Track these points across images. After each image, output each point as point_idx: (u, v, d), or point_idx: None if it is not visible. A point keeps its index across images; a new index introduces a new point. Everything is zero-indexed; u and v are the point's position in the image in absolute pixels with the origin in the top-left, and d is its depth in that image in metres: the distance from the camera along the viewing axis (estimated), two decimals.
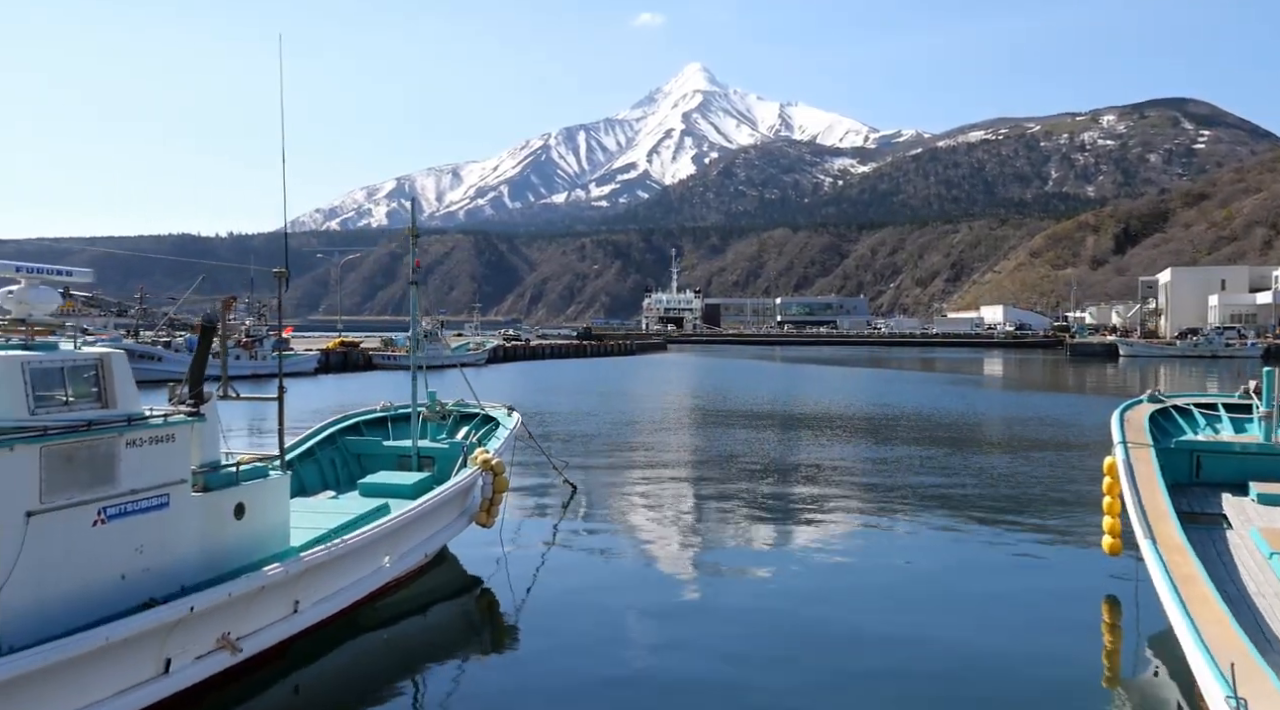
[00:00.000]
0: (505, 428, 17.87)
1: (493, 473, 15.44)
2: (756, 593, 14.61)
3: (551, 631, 12.91)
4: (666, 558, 16.98)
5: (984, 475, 25.75)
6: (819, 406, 48.48)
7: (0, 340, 9.91)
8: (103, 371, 10.09)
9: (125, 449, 9.77)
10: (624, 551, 17.37)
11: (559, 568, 16.08)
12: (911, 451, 30.80)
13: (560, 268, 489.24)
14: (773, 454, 30.42)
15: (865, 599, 14.33)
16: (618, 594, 14.60)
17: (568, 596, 14.49)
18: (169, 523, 10.20)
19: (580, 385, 65.53)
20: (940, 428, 38.60)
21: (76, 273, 10.66)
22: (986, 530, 19.04)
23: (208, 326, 12.35)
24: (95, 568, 9.38)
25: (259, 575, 10.69)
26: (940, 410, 46.29)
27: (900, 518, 20.11)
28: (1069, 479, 25.38)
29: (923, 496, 22.48)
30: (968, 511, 20.67)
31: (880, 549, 17.39)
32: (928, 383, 70.49)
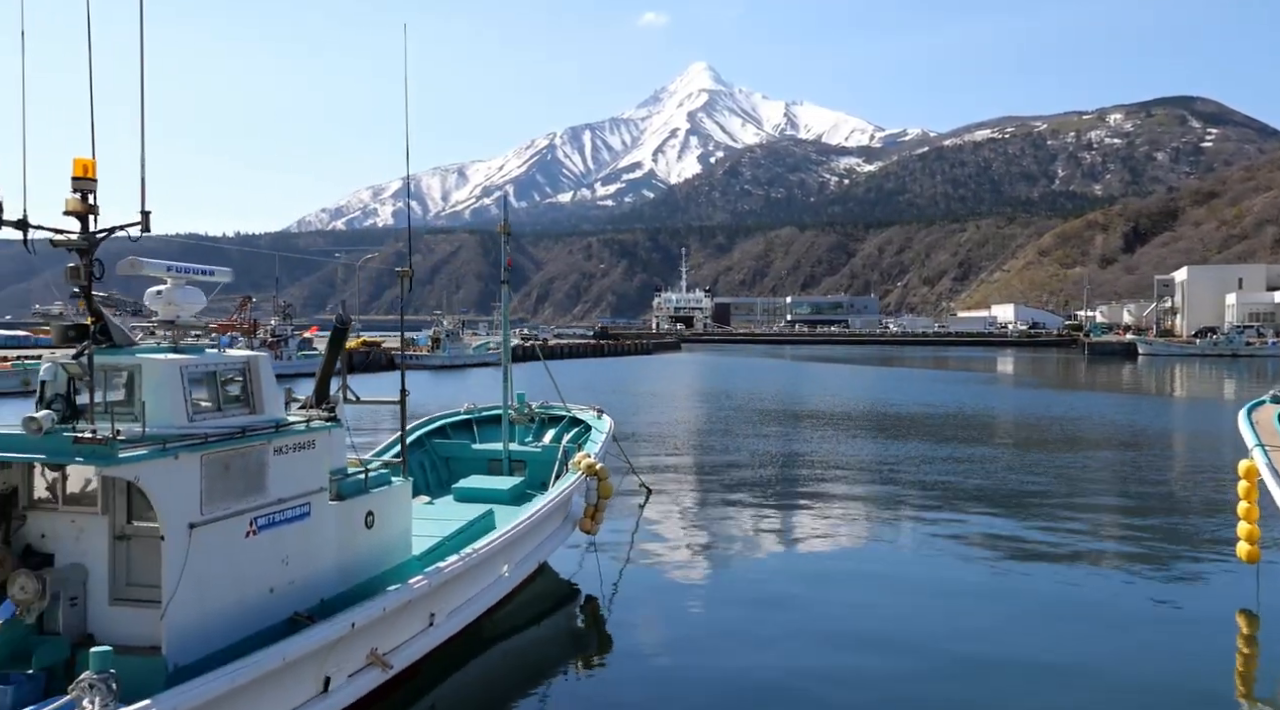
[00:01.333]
0: (599, 431, 17.43)
1: (597, 478, 15.05)
2: (867, 602, 14.23)
3: (662, 638, 12.69)
4: (757, 558, 16.71)
5: (1080, 481, 25.23)
6: (867, 407, 48.12)
7: (152, 343, 9.55)
8: (250, 375, 9.77)
9: (273, 457, 9.43)
10: (712, 554, 17.12)
11: (655, 573, 15.76)
12: (994, 453, 30.47)
13: (567, 267, 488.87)
14: (842, 454, 30.06)
15: (974, 609, 13.92)
16: (718, 598, 14.40)
17: (669, 601, 14.27)
18: (310, 533, 9.84)
19: (609, 384, 65.10)
20: (1011, 430, 38.24)
21: (218, 272, 10.23)
22: (1107, 537, 18.64)
23: (340, 328, 11.92)
24: (248, 581, 9.05)
25: (406, 588, 10.29)
26: (996, 411, 45.97)
27: (1011, 522, 19.67)
28: (1172, 482, 24.97)
29: (1028, 500, 22.09)
30: (1080, 517, 20.18)
31: (990, 560, 16.89)
32: (962, 382, 70.04)
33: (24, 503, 8.93)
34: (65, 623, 8.48)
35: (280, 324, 75.46)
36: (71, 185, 9.11)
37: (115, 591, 8.70)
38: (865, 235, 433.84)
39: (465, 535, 12.62)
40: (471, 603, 11.98)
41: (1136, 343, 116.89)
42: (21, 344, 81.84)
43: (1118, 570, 15.92)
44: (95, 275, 9.04)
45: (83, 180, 9.11)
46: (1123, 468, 27.47)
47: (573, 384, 68.05)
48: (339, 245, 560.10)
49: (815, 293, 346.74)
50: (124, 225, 9.34)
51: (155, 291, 9.81)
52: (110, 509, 8.79)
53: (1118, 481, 25.26)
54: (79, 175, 9.12)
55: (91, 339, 8.96)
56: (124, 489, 8.75)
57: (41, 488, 8.99)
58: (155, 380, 8.79)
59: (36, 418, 8.03)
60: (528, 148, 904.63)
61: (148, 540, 8.64)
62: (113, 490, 8.76)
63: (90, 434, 7.89)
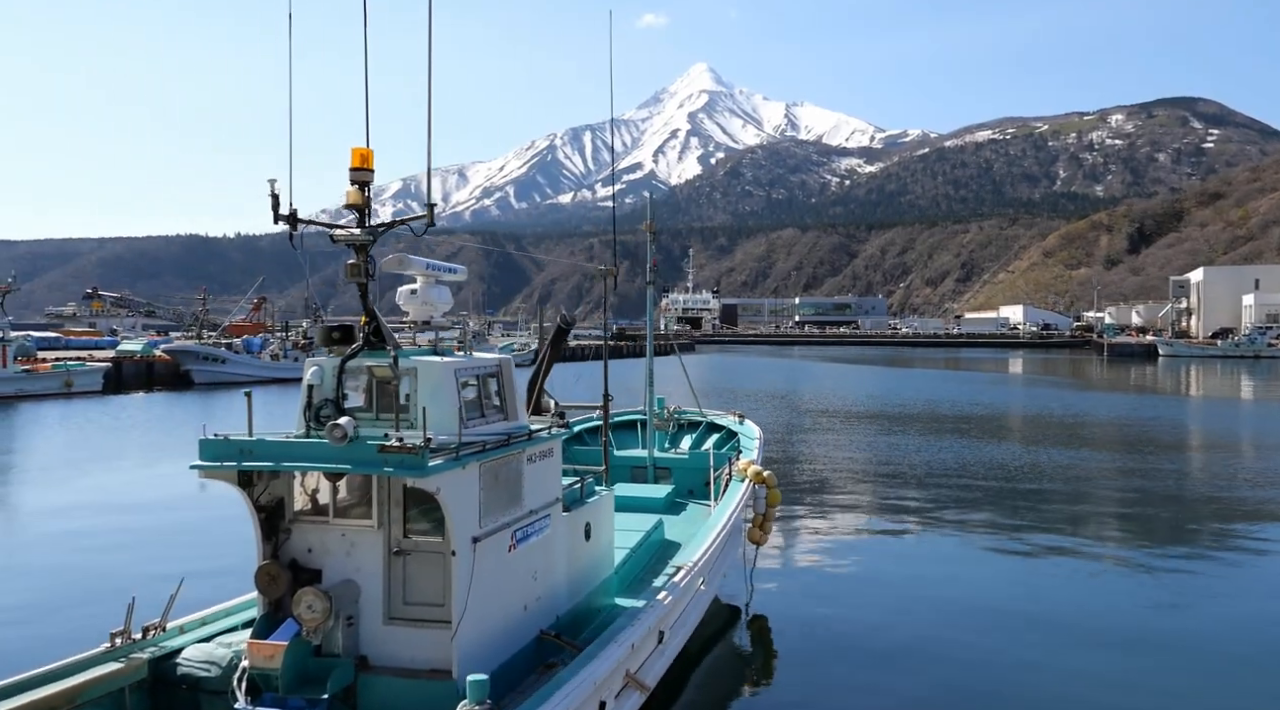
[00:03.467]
0: (749, 437, 17.01)
1: (765, 486, 14.66)
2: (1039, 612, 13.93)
3: (848, 646, 12.47)
4: (901, 561, 16.49)
5: (1198, 482, 24.99)
6: (936, 406, 48.07)
7: (415, 347, 9.06)
8: (502, 379, 9.32)
9: (526, 466, 9.02)
10: (861, 559, 16.90)
11: (815, 581, 15.55)
12: (1094, 457, 30.22)
13: (568, 268, 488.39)
14: (929, 455, 29.80)
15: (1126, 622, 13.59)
16: (882, 606, 14.25)
17: (844, 610, 14.05)
18: (550, 546, 9.41)
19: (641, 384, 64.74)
20: (1090, 432, 38.09)
21: (459, 271, 9.74)
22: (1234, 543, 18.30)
23: (564, 329, 11.43)
24: (510, 598, 8.61)
25: (657, 605, 9.84)
26: (1058, 412, 45.79)
27: (1145, 527, 19.43)
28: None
29: (1146, 505, 21.83)
30: (1195, 523, 19.94)
31: (1138, 570, 16.63)
32: (1002, 384, 70.06)
33: (289, 515, 8.46)
34: (345, 643, 8.00)
35: (311, 326, 74.94)
36: (350, 177, 8.65)
37: (391, 610, 8.19)
38: (867, 236, 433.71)
39: (646, 547, 12.20)
40: (688, 618, 11.59)
41: (1157, 344, 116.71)
42: (52, 345, 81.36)
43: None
44: (370, 273, 8.61)
45: (361, 171, 8.64)
46: (1219, 470, 27.18)
47: (611, 384, 67.74)
48: (340, 246, 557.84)
49: (818, 294, 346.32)
50: (408, 218, 8.96)
51: (409, 291, 9.23)
52: (385, 522, 8.24)
53: (1220, 483, 24.94)
54: (357, 166, 8.63)
55: (364, 341, 8.55)
56: (399, 501, 8.22)
57: (303, 499, 8.49)
58: (432, 385, 8.25)
59: (341, 424, 7.47)
60: (528, 148, 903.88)
61: (425, 555, 8.18)
62: (388, 502, 8.22)
63: (398, 443, 7.36)
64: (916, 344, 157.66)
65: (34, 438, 38.59)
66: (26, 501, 24.93)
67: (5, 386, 52.39)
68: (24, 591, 15.57)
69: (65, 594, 15.09)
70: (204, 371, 66.15)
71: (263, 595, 8.22)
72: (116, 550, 18.21)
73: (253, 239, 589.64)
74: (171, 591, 8.75)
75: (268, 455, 7.78)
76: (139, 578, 15.13)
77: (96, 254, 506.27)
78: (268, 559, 8.27)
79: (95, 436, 39.03)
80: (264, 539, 8.34)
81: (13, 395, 52.28)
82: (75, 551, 18.10)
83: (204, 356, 67.17)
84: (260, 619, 8.20)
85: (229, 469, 7.92)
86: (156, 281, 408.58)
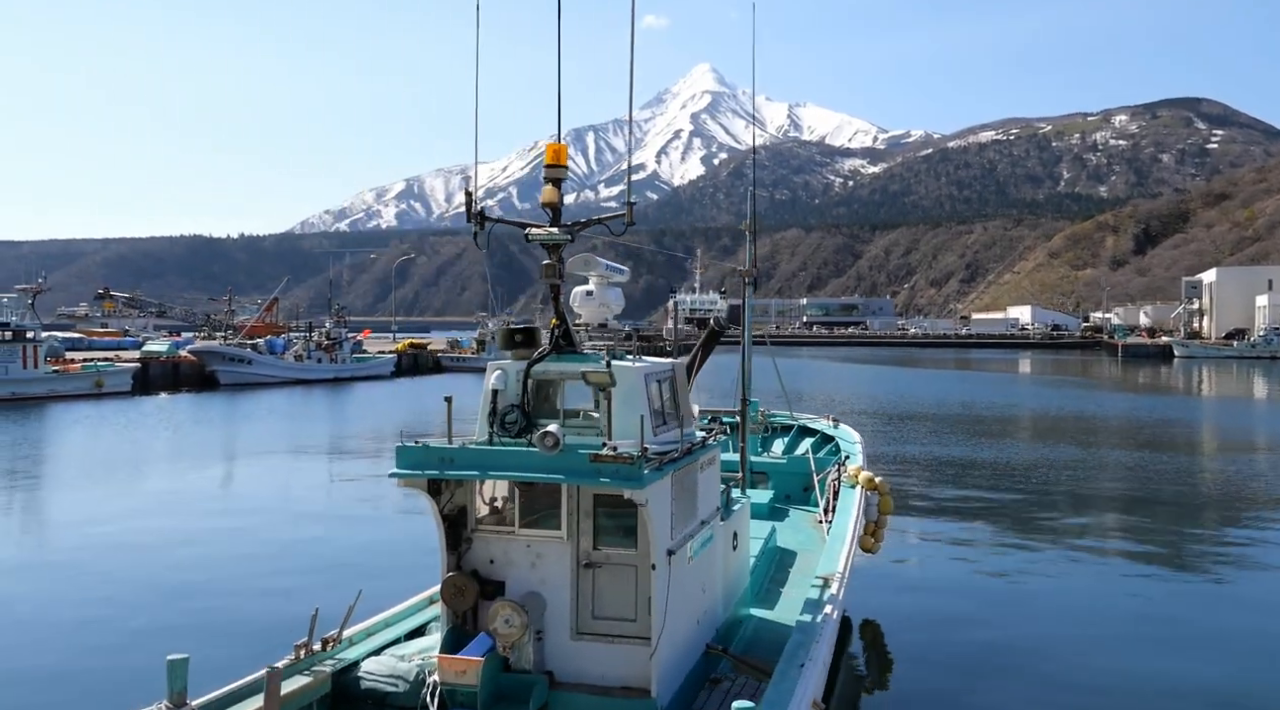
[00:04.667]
0: (849, 442, 16.84)
1: (878, 493, 14.53)
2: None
3: (969, 657, 12.42)
4: (1004, 567, 16.40)
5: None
6: (974, 408, 48.21)
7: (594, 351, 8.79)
8: (676, 383, 9.15)
9: (700, 474, 8.84)
10: (963, 565, 16.85)
11: (927, 587, 15.47)
12: (1165, 460, 30.13)
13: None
14: (998, 458, 29.81)
15: None
16: (992, 614, 14.19)
17: (962, 618, 14.00)
18: (714, 557, 9.19)
19: None
20: (1151, 436, 37.86)
21: (625, 272, 9.62)
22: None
23: (716, 332, 11.33)
24: (689, 612, 8.35)
25: (829, 621, 9.54)
26: (1116, 415, 45.90)
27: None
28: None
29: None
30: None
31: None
32: (1030, 384, 70.12)
33: (470, 525, 8.21)
34: (535, 659, 7.78)
35: (335, 326, 74.87)
36: (545, 174, 8.53)
37: (580, 625, 7.91)
38: (871, 237, 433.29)
39: (765, 556, 12.01)
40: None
41: (1173, 345, 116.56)
42: (75, 345, 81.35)
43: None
44: (561, 274, 8.46)
45: (556, 167, 8.52)
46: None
47: None
48: (344, 247, 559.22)
49: (823, 294, 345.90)
50: (606, 217, 8.87)
51: (585, 292, 9.06)
52: (574, 533, 7.95)
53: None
54: (553, 162, 8.48)
55: (553, 344, 8.38)
56: (589, 511, 7.93)
57: (484, 508, 8.25)
58: (625, 390, 7.94)
59: (553, 432, 7.21)
60: (530, 149, 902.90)
61: (617, 568, 7.91)
62: (577, 513, 7.92)
63: (612, 452, 7.14)
64: (925, 344, 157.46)
65: (106, 436, 38.79)
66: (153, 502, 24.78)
67: (37, 387, 52.42)
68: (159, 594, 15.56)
69: (224, 603, 14.97)
70: (229, 372, 66.05)
71: (449, 608, 7.98)
72: (270, 559, 18.11)
73: (256, 239, 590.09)
74: (350, 602, 8.58)
75: (471, 464, 7.58)
76: (299, 586, 15.32)
77: (101, 254, 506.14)
78: (452, 570, 8.04)
79: (167, 435, 39.40)
80: (448, 550, 8.09)
81: (44, 395, 52.31)
82: (228, 560, 17.88)
83: (229, 357, 67.09)
84: (448, 632, 7.97)
85: (429, 477, 7.69)
86: (161, 282, 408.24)
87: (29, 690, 11.53)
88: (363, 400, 57.45)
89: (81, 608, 14.60)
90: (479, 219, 8.70)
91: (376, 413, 50.76)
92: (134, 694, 7.82)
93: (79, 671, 12.01)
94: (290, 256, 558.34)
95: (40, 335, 54.89)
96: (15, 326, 52.37)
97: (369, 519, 21.71)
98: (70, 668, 12.14)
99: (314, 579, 15.83)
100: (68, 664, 12.35)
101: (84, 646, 12.92)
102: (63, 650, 12.80)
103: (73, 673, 11.96)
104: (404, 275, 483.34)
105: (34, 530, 21.78)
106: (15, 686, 11.56)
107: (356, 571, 15.55)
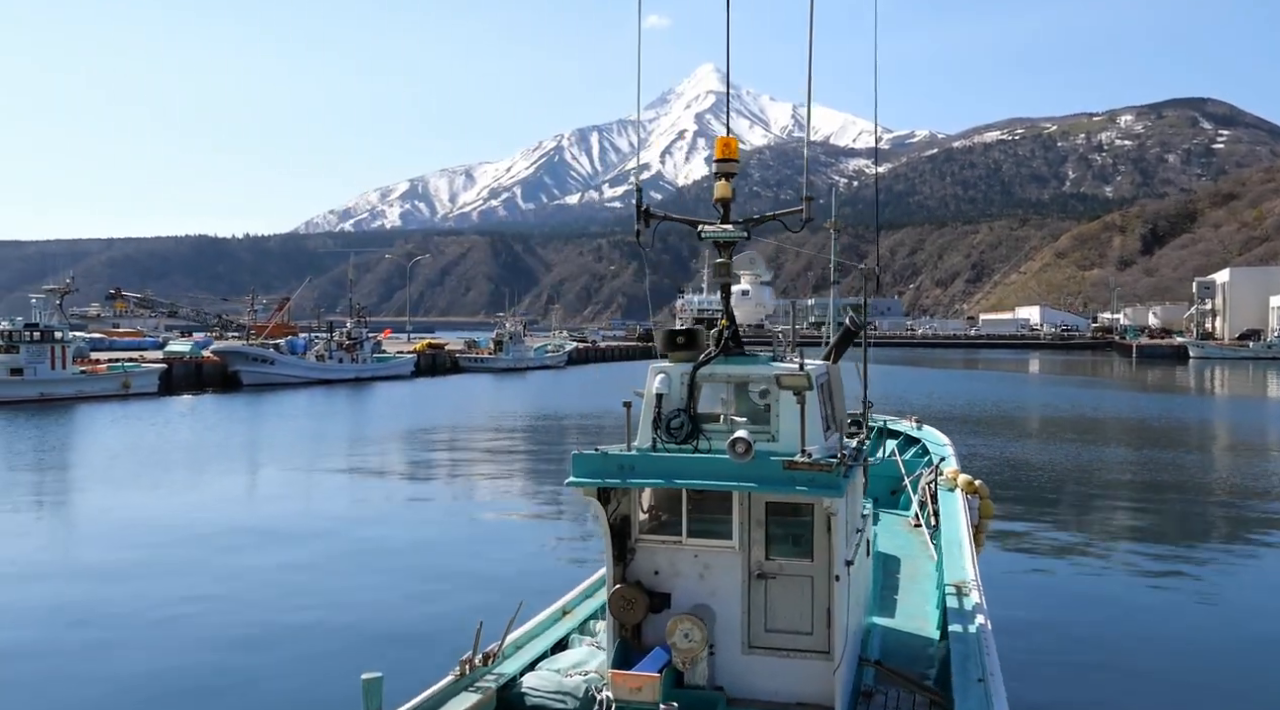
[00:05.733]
0: (939, 443, 16.66)
1: (979, 497, 14.39)
2: None
3: (1079, 663, 12.34)
4: (1100, 573, 16.32)
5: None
6: (1023, 408, 48.17)
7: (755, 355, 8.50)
8: (831, 387, 8.88)
9: (858, 480, 8.70)
10: (1066, 570, 16.90)
11: (1032, 590, 15.36)
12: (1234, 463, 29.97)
13: (577, 269, 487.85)
14: (1081, 459, 29.71)
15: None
16: (1098, 620, 14.14)
17: (1065, 627, 13.92)
18: (862, 567, 8.99)
19: None
20: (1207, 437, 37.78)
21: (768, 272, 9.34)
22: None
23: (851, 331, 11.09)
24: (855, 623, 8.19)
25: (986, 632, 9.16)
26: (1160, 415, 45.74)
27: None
28: None
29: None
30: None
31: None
32: (1056, 385, 69.66)
33: (634, 534, 7.92)
34: (709, 674, 7.54)
35: (356, 326, 74.81)
36: (716, 169, 8.24)
37: (752, 638, 7.64)
38: (876, 237, 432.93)
39: (890, 560, 11.88)
40: None
41: (1188, 345, 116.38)
42: (96, 346, 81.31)
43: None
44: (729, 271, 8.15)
45: (727, 162, 8.24)
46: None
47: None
48: (349, 246, 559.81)
49: (827, 295, 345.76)
50: (783, 212, 8.62)
51: (741, 291, 8.73)
52: (746, 543, 7.65)
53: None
54: (724, 156, 8.20)
55: (721, 346, 8.08)
56: (761, 520, 7.65)
57: (647, 516, 8.00)
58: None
59: (745, 438, 6.93)
60: (535, 149, 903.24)
61: (790, 579, 7.62)
62: (749, 521, 7.63)
63: (806, 459, 6.88)
64: (935, 344, 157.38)
65: (172, 437, 38.85)
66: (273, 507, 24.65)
67: (66, 387, 52.38)
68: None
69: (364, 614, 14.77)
70: (252, 373, 65.97)
71: (618, 620, 7.73)
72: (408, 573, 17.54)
73: (261, 240, 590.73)
74: (510, 616, 8.44)
75: (653, 472, 7.34)
76: (429, 595, 15.27)
77: (105, 254, 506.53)
78: (619, 582, 7.81)
79: (235, 434, 39.67)
80: (614, 561, 7.84)
81: (73, 396, 52.28)
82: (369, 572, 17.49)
83: (252, 358, 67.00)
84: (618, 646, 7.75)
85: (610, 485, 7.47)
86: (166, 282, 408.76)
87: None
88: (399, 401, 57.06)
89: (242, 628, 14.37)
90: (644, 216, 8.37)
91: (427, 412, 50.71)
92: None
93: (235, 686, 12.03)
94: (295, 256, 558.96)
95: (69, 336, 54.81)
96: (44, 327, 52.30)
97: (486, 527, 21.64)
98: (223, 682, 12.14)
99: (441, 588, 15.80)
100: (234, 676, 12.35)
101: (241, 665, 12.81)
102: (228, 665, 12.78)
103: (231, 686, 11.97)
104: (409, 275, 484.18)
105: (190, 546, 20.03)
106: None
107: (483, 582, 15.56)
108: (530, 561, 17.74)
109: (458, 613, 13.38)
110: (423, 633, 13.33)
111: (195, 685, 11.97)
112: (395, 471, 31.38)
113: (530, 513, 23.83)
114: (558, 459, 34.08)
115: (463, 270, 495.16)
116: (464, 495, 26.71)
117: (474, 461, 33.11)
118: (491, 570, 17.08)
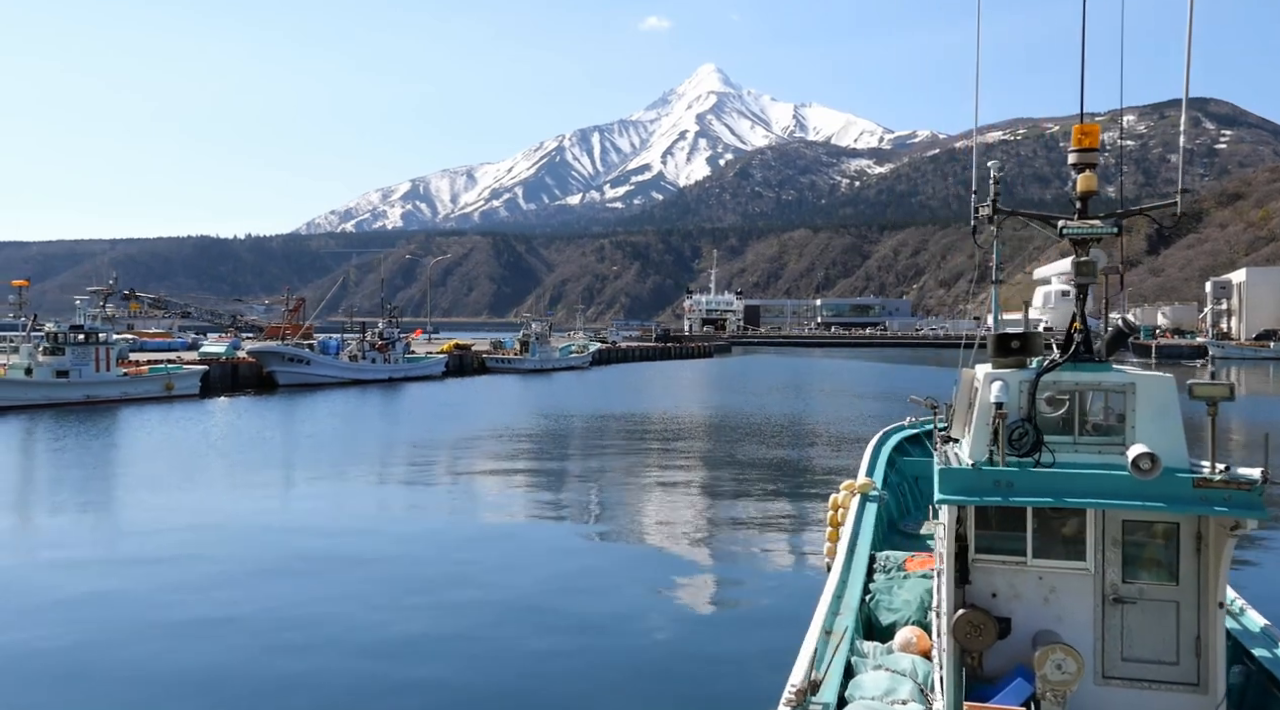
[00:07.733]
0: None
1: None
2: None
3: None
4: None
5: None
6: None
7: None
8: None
9: None
10: None
11: None
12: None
13: (579, 269, 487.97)
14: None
15: None
16: None
17: None
18: None
19: (732, 384, 64.19)
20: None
21: None
22: None
23: (1127, 332, 10.55)
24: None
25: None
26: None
27: None
28: None
29: None
30: None
31: None
32: None
33: (971, 553, 7.43)
34: (1068, 707, 7.19)
35: (388, 327, 74.70)
36: (1075, 159, 7.83)
37: (1107, 668, 7.21)
38: (879, 237, 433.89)
39: None
40: None
41: (1208, 346, 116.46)
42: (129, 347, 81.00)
43: None
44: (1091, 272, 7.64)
45: (1087, 151, 7.83)
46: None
47: (660, 387, 67.36)
48: (350, 247, 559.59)
49: (832, 295, 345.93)
50: (1155, 206, 8.07)
51: (1060, 293, 8.67)
52: (1100, 565, 7.21)
53: None
54: (1085, 145, 7.77)
55: (1072, 351, 7.58)
56: (1117, 540, 7.18)
57: (984, 534, 7.53)
58: (1159, 404, 7.15)
59: (1151, 453, 6.46)
60: (536, 150, 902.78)
61: (1149, 604, 7.17)
62: (1103, 541, 7.18)
63: (1223, 477, 6.47)
64: (944, 344, 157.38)
65: (257, 439, 38.51)
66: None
67: (110, 389, 52.12)
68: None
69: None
70: (288, 373, 65.69)
71: (966, 647, 7.24)
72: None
73: (263, 240, 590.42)
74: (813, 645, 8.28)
75: (1038, 489, 6.87)
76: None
77: (108, 255, 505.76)
78: (961, 606, 7.33)
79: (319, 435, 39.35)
80: (956, 583, 7.42)
81: (117, 399, 52.06)
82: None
83: (288, 358, 66.77)
84: (959, 675, 7.32)
85: (989, 503, 7.02)
86: (169, 282, 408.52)
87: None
88: (443, 402, 56.40)
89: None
90: (992, 208, 8.13)
91: (483, 413, 50.29)
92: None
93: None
94: (297, 257, 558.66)
95: (112, 337, 54.55)
96: (88, 329, 52.06)
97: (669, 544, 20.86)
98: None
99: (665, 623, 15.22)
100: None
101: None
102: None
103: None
104: (410, 275, 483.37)
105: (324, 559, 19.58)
106: None
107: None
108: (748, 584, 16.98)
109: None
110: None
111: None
112: (499, 485, 29.23)
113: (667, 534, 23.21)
114: (649, 467, 33.86)
115: (464, 270, 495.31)
116: (588, 513, 25.11)
117: (563, 472, 32.12)
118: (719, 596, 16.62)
